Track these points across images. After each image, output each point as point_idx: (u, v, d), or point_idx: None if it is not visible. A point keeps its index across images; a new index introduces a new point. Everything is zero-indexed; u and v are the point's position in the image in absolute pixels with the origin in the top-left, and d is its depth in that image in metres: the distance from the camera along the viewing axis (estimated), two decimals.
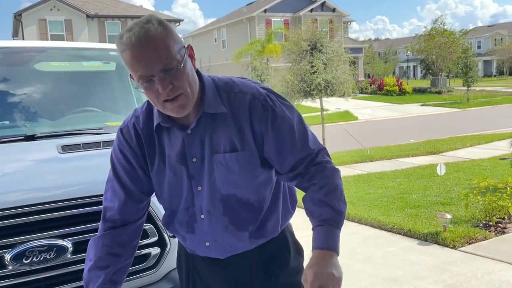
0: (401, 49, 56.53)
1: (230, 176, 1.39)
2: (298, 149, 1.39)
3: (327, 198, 1.36)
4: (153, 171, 1.45)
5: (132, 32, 1.23)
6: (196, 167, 1.40)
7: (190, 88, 1.30)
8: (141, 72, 1.25)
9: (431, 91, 32.81)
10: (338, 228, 1.35)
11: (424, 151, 10.96)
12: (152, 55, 1.23)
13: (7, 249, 1.81)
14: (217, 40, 38.78)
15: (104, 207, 1.47)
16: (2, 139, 2.39)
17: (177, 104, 1.29)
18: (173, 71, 1.25)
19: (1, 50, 3.06)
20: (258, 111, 1.37)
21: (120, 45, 1.25)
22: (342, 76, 11.23)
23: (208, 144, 1.38)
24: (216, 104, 1.37)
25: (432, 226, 4.89)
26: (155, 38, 1.23)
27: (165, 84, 1.25)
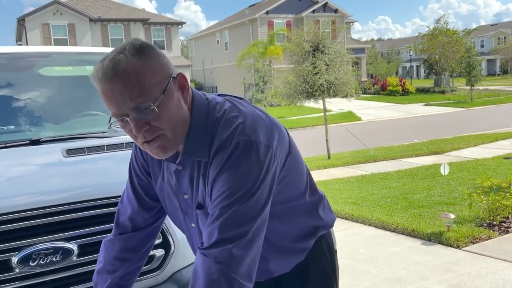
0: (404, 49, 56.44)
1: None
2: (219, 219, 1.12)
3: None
4: (156, 187, 1.41)
5: (101, 64, 1.09)
6: (188, 204, 1.30)
7: (173, 127, 1.13)
8: (113, 110, 1.11)
9: (434, 91, 32.76)
10: None
11: (428, 151, 10.94)
12: (122, 92, 1.07)
13: (14, 252, 1.84)
14: (220, 42, 38.85)
15: (118, 210, 1.48)
16: (8, 144, 2.42)
17: (156, 145, 1.14)
18: (149, 110, 1.08)
19: (5, 56, 3.10)
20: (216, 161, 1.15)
21: (91, 78, 1.12)
22: (345, 76, 11.22)
23: (196, 186, 1.25)
24: (198, 148, 1.18)
25: (435, 226, 4.89)
26: (125, 72, 1.06)
27: (140, 125, 1.10)
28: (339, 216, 5.84)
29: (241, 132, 1.14)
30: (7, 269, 1.83)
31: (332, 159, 11.06)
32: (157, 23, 31.75)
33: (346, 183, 7.97)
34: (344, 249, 4.64)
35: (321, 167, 10.04)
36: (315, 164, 10.38)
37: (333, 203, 6.35)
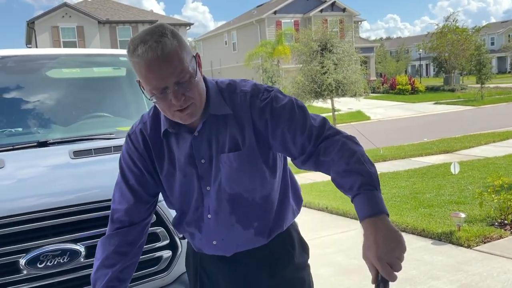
0: (413, 47, 56.12)
1: (235, 175, 1.42)
2: (302, 129, 1.39)
3: (350, 167, 1.29)
4: (162, 174, 1.49)
5: (148, 46, 1.24)
6: (205, 168, 1.44)
7: (200, 97, 1.35)
8: (155, 84, 1.28)
9: (444, 89, 32.50)
10: (376, 189, 1.27)
11: (438, 150, 10.85)
12: (168, 69, 1.26)
13: (21, 254, 1.85)
14: (228, 42, 38.91)
15: (112, 209, 1.52)
16: (16, 146, 2.43)
17: (187, 113, 1.33)
18: (186, 83, 1.29)
19: (14, 58, 3.12)
20: (257, 106, 1.40)
21: (134, 57, 1.26)
22: (353, 76, 11.20)
23: (215, 144, 1.42)
24: (221, 106, 1.41)
25: (446, 225, 4.85)
26: (170, 53, 1.26)
27: (179, 96, 1.29)
28: (348, 216, 5.81)
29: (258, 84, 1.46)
30: (15, 271, 1.84)
31: None
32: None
33: None
34: (353, 249, 4.61)
35: None
36: None
37: (343, 203, 6.31)
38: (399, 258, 1.20)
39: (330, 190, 7.38)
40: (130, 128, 1.53)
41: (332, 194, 7.02)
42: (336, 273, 4.02)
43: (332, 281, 3.85)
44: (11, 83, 2.94)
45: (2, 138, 2.57)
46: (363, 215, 1.23)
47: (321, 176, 9.00)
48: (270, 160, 1.46)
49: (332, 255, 4.50)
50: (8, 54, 3.13)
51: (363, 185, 1.26)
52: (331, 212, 6.12)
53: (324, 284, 3.81)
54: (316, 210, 6.35)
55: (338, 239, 5.02)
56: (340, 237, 5.07)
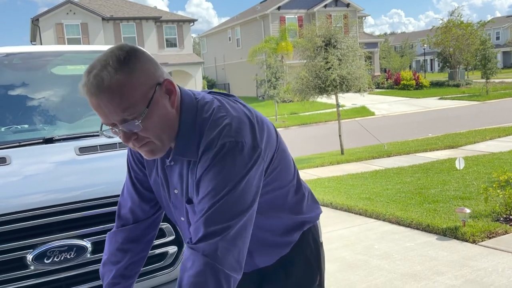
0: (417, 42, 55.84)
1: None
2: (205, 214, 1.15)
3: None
4: (151, 180, 1.44)
5: (87, 79, 1.11)
6: (178, 199, 1.34)
7: (160, 134, 1.19)
8: (102, 121, 1.17)
9: (449, 84, 32.36)
10: None
11: (443, 145, 10.82)
12: (108, 107, 1.11)
13: (28, 250, 1.86)
14: (231, 39, 38.85)
15: (119, 203, 1.52)
16: (22, 143, 2.45)
17: (146, 150, 1.21)
18: (136, 122, 1.13)
19: (19, 55, 3.13)
20: (203, 161, 1.18)
21: (80, 89, 1.14)
22: (358, 71, 11.14)
23: (186, 182, 1.29)
24: (188, 149, 1.22)
25: (451, 221, 4.84)
26: (109, 89, 1.09)
27: (127, 136, 1.16)
28: (353, 211, 5.81)
29: (227, 133, 1.18)
30: (22, 266, 1.85)
31: (345, 154, 11.00)
32: (169, 20, 31.85)
33: (359, 179, 7.92)
34: (358, 245, 4.62)
35: (335, 162, 10.00)
36: (328, 159, 10.34)
37: (347, 199, 6.32)
38: None
39: (334, 186, 7.39)
40: None
41: (336, 190, 7.02)
42: (341, 269, 4.03)
43: (337, 277, 3.86)
44: (16, 80, 2.95)
45: (8, 135, 2.58)
46: None
47: (325, 172, 9.01)
48: None
49: (337, 251, 4.50)
50: (14, 51, 3.15)
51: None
52: (336, 207, 6.12)
53: (329, 279, 3.81)
54: (320, 205, 6.34)
55: (343, 234, 5.03)
56: (345, 233, 5.08)
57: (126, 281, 1.48)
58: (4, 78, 2.96)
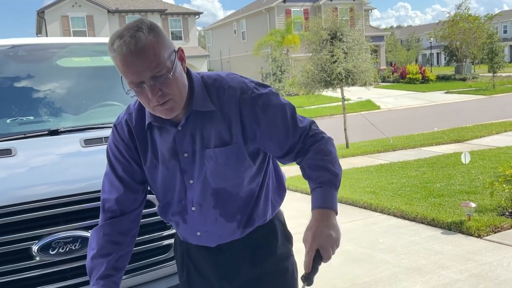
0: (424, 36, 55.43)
1: (219, 170, 1.44)
2: (293, 132, 1.45)
3: (323, 163, 1.43)
4: (146, 165, 1.50)
5: (122, 41, 1.25)
6: (188, 162, 1.44)
7: (179, 92, 1.34)
8: (132, 78, 1.28)
9: (455, 78, 32.14)
10: (336, 189, 1.42)
11: (448, 139, 10.76)
12: (142, 64, 1.25)
13: (34, 241, 1.87)
14: (237, 31, 38.74)
15: (103, 199, 1.53)
16: (28, 134, 2.45)
17: (166, 108, 1.33)
18: (163, 78, 1.28)
19: (25, 47, 3.13)
20: (248, 104, 1.41)
21: (111, 52, 1.27)
22: (363, 64, 11.08)
23: (199, 139, 1.43)
24: (205, 102, 1.41)
25: (456, 215, 4.82)
26: (145, 47, 1.25)
27: (155, 91, 1.28)
28: (358, 205, 5.80)
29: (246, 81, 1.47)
30: (27, 257, 1.87)
31: (350, 148, 10.97)
32: (174, 13, 31.79)
33: (364, 172, 7.91)
34: (362, 239, 4.61)
35: (340, 156, 9.78)
36: None
37: (352, 193, 6.31)
38: (331, 246, 1.33)
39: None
40: (116, 118, 1.54)
41: (341, 183, 7.00)
42: (345, 262, 4.03)
43: (341, 270, 3.86)
44: (22, 72, 2.96)
45: (13, 127, 2.59)
46: (317, 204, 1.38)
47: None
48: (257, 155, 1.48)
49: (341, 244, 4.46)
50: (19, 43, 3.15)
51: (327, 182, 1.41)
52: (340, 201, 6.11)
53: (333, 272, 3.82)
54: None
55: (347, 228, 5.02)
56: (349, 226, 5.07)
57: (117, 273, 1.49)
58: (10, 70, 2.96)
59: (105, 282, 1.45)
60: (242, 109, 1.41)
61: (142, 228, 1.97)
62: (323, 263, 1.35)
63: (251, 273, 1.56)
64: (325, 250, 1.32)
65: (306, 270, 1.31)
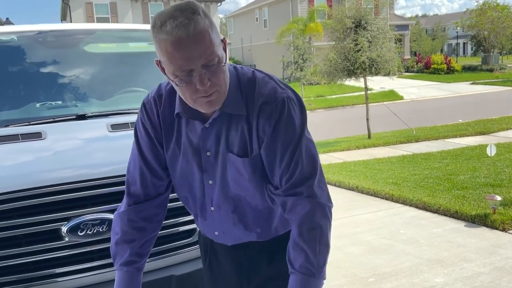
0: (450, 25, 54.19)
1: (240, 179, 1.37)
2: (287, 164, 1.29)
3: (302, 241, 1.26)
4: (168, 153, 1.44)
5: (179, 22, 1.14)
6: (209, 161, 1.38)
7: (225, 84, 1.26)
8: (181, 65, 1.17)
9: (482, 69, 31.42)
10: (314, 276, 1.26)
11: (473, 131, 10.57)
12: (198, 50, 1.15)
13: (63, 222, 1.92)
14: (259, 19, 38.50)
15: (127, 181, 1.48)
16: (56, 119, 2.50)
17: (209, 100, 1.24)
18: (214, 67, 1.19)
19: (53, 33, 3.18)
20: (266, 115, 1.29)
21: (162, 33, 1.15)
22: (388, 54, 10.92)
23: (224, 141, 1.35)
24: (238, 104, 1.31)
25: (480, 208, 4.75)
26: (202, 32, 1.15)
27: (204, 81, 1.19)
28: (379, 196, 5.76)
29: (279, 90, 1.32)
30: (57, 237, 1.92)
31: (372, 138, 10.87)
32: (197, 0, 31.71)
33: (386, 163, 7.83)
34: (384, 229, 4.59)
35: (361, 146, 9.90)
36: (355, 143, 10.24)
37: (373, 183, 6.27)
38: None
39: (360, 170, 7.33)
40: (146, 96, 1.46)
41: (362, 174, 6.97)
42: (366, 252, 4.02)
43: (362, 260, 3.85)
44: (50, 57, 3.00)
45: (43, 111, 2.64)
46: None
47: (351, 155, 8.94)
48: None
49: (362, 234, 4.49)
50: (47, 29, 3.20)
51: (303, 267, 1.25)
52: (362, 191, 6.08)
53: (353, 262, 3.81)
54: (346, 189, 6.33)
55: (368, 218, 5.00)
56: (370, 217, 5.05)
57: (141, 259, 1.47)
58: (39, 56, 3.01)
59: (128, 268, 1.44)
60: (259, 119, 1.30)
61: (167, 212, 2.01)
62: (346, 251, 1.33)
63: (269, 272, 1.52)
64: None
65: None
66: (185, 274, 2.10)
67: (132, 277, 1.45)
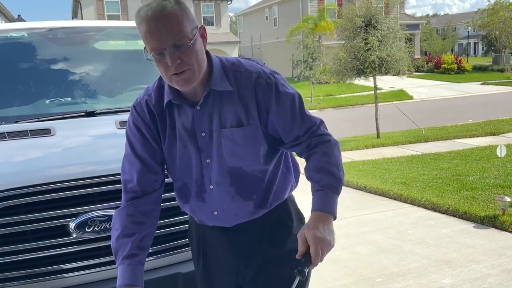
0: (461, 25, 53.74)
1: (236, 149, 1.48)
2: (301, 122, 1.50)
3: (327, 166, 1.45)
4: (164, 144, 1.53)
5: (149, 7, 1.32)
6: (205, 141, 1.49)
7: (198, 65, 1.38)
8: (154, 45, 1.33)
9: (493, 69, 31.13)
10: (337, 194, 1.45)
11: (483, 131, 10.48)
12: (166, 30, 1.31)
13: (71, 218, 1.93)
14: (269, 18, 38.45)
15: (124, 180, 1.55)
16: (66, 115, 2.52)
17: (183, 77, 1.37)
18: (183, 47, 1.33)
19: (63, 30, 3.20)
20: (263, 88, 1.46)
21: (138, 18, 1.33)
22: (398, 53, 10.86)
23: (216, 119, 1.47)
24: (223, 82, 1.46)
25: (490, 209, 4.71)
26: (170, 14, 1.31)
27: (174, 58, 1.33)
28: (387, 196, 5.74)
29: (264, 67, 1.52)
30: (65, 233, 1.93)
31: (381, 138, 10.82)
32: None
33: (395, 163, 7.79)
34: (391, 229, 4.57)
35: (370, 146, 9.86)
36: (363, 143, 10.20)
37: (381, 183, 6.24)
38: (324, 249, 1.34)
39: (369, 170, 7.30)
40: (135, 100, 1.58)
41: (371, 174, 6.93)
42: (373, 252, 4.00)
43: (369, 260, 3.84)
44: (61, 54, 3.02)
45: (52, 107, 2.66)
46: (317, 207, 1.41)
47: (359, 155, 8.90)
48: (270, 136, 1.51)
49: (369, 234, 4.47)
50: (58, 26, 3.22)
51: (329, 185, 1.43)
52: (370, 191, 6.05)
53: (361, 261, 3.80)
54: (354, 189, 6.31)
55: (376, 218, 4.98)
56: (378, 217, 5.03)
57: (142, 252, 1.52)
58: (49, 52, 3.03)
59: (131, 261, 1.48)
60: (257, 92, 1.46)
61: (166, 212, 2.01)
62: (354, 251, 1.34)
63: (270, 254, 1.58)
64: (317, 251, 1.33)
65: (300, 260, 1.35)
66: (191, 272, 2.10)
67: (135, 270, 1.49)
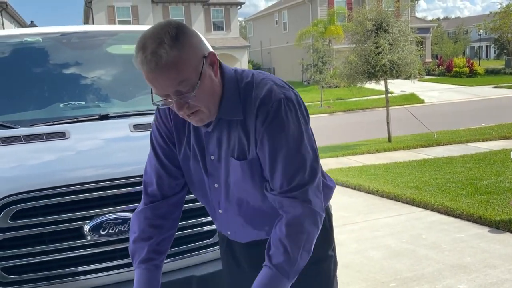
0: (472, 28, 53.32)
1: (240, 182, 1.40)
2: (284, 167, 1.30)
3: (287, 241, 1.28)
4: (180, 155, 1.49)
5: (144, 56, 1.20)
6: (214, 165, 1.42)
7: (208, 103, 1.30)
8: (157, 91, 1.26)
9: (505, 72, 30.82)
10: (287, 278, 1.28)
11: (497, 135, 10.36)
12: (165, 81, 1.22)
13: (86, 221, 1.94)
14: (278, 22, 38.50)
15: (144, 182, 1.53)
16: (80, 119, 2.53)
17: (195, 118, 1.31)
18: (187, 95, 1.25)
19: (76, 34, 3.23)
20: (263, 116, 1.30)
21: (135, 63, 1.24)
22: (409, 56, 10.79)
23: (225, 145, 1.39)
24: (234, 110, 1.34)
25: (505, 213, 4.65)
26: (166, 65, 1.19)
27: (180, 105, 1.26)
28: (400, 200, 5.68)
29: (277, 91, 1.32)
30: (80, 236, 1.94)
31: (393, 142, 10.75)
32: (216, 4, 31.92)
33: (407, 167, 7.73)
34: (404, 234, 4.52)
35: (381, 150, 9.80)
36: (375, 147, 10.14)
37: (393, 187, 6.19)
38: None
39: (381, 174, 7.25)
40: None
41: (383, 178, 6.89)
42: (386, 256, 3.96)
43: (383, 264, 3.80)
44: (74, 58, 3.05)
45: (66, 111, 2.68)
46: (256, 286, 1.28)
47: (371, 159, 8.85)
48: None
49: (382, 238, 4.43)
50: (71, 31, 3.25)
51: (280, 266, 1.27)
52: (382, 195, 6.01)
53: (374, 266, 3.76)
54: (366, 193, 6.26)
55: (389, 222, 4.94)
56: (391, 221, 4.98)
57: (159, 257, 1.50)
58: (63, 57, 3.06)
59: (147, 265, 1.46)
60: (257, 121, 1.31)
61: (187, 213, 2.01)
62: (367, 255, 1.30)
63: None
64: None
65: None
66: (205, 275, 2.09)
67: (151, 275, 1.47)
